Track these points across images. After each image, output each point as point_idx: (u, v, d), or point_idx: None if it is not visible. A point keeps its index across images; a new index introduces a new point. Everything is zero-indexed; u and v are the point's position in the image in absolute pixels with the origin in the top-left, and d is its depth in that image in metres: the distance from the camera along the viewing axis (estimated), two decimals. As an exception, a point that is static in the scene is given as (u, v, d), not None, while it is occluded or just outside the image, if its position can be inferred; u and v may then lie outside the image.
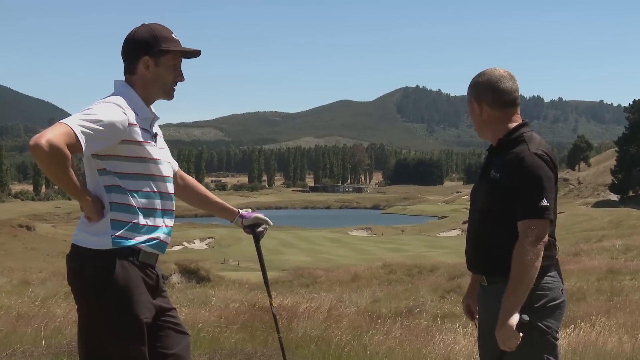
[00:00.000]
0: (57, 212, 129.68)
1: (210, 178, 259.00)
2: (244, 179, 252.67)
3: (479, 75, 3.79)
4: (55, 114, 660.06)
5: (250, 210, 4.43)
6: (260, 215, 4.40)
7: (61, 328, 9.81)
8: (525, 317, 3.46)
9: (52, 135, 3.20)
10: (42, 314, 11.04)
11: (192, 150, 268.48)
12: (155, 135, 3.67)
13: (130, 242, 3.48)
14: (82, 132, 3.29)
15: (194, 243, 75.51)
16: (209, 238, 78.61)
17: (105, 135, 3.38)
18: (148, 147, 3.57)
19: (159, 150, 3.67)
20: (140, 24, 3.69)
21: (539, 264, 3.49)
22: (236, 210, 4.35)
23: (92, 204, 3.45)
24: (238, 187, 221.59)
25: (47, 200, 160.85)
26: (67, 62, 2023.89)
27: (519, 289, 3.46)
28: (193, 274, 37.53)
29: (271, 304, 4.42)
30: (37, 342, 9.12)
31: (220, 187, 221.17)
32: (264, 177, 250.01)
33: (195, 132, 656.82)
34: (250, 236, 4.59)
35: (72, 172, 3.31)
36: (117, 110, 3.44)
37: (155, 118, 3.71)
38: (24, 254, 57.23)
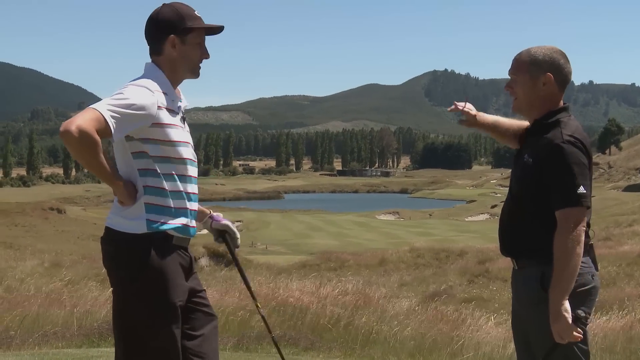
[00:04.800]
0: (87, 195, 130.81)
1: (238, 162, 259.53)
2: (272, 163, 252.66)
3: (551, 50, 3.70)
4: (85, 98, 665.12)
5: (221, 215, 4.24)
6: (231, 225, 4.13)
7: (92, 310, 9.92)
8: (581, 313, 3.44)
9: (82, 120, 3.21)
10: (73, 296, 11.17)
11: (220, 134, 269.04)
12: (183, 118, 3.68)
13: (165, 226, 3.50)
14: (112, 116, 3.30)
15: (223, 226, 75.66)
16: (237, 221, 78.45)
17: (135, 118, 3.38)
18: (177, 130, 3.57)
19: (187, 134, 3.67)
20: (161, 4, 3.68)
21: (580, 250, 3.46)
22: (208, 211, 4.16)
23: (125, 189, 3.47)
24: (266, 171, 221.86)
25: (77, 184, 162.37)
26: (97, 45, 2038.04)
27: (563, 278, 3.43)
28: (221, 257, 37.68)
29: (257, 306, 4.33)
30: (69, 324, 9.24)
31: (248, 171, 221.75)
32: (292, 161, 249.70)
33: (223, 116, 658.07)
34: (278, 220, 4.55)
35: (103, 157, 3.32)
36: (146, 93, 3.44)
37: (183, 102, 3.70)
38: (54, 236, 57.84)
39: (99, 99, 3.42)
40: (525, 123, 4.03)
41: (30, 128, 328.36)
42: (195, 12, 3.65)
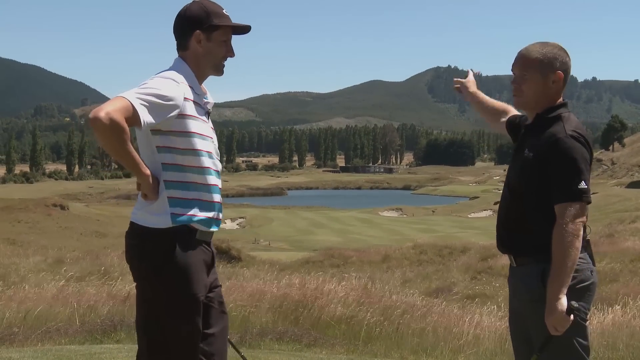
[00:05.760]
0: (90, 192, 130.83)
1: (241, 158, 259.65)
2: (275, 159, 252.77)
3: (556, 47, 3.72)
4: (88, 95, 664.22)
5: None
6: None
7: (95, 307, 9.92)
8: (575, 304, 3.44)
9: (111, 108, 3.25)
10: (76, 293, 11.18)
11: (224, 130, 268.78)
12: (208, 112, 3.73)
13: (189, 218, 3.53)
14: (141, 104, 3.34)
15: (225, 223, 75.55)
16: (240, 218, 78.85)
17: (163, 108, 3.43)
18: (202, 123, 3.61)
19: (210, 129, 3.71)
20: (191, 1, 3.74)
21: (579, 244, 3.46)
22: None
23: (151, 181, 3.48)
24: (269, 168, 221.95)
25: (80, 180, 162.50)
26: (100, 42, 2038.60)
27: (562, 272, 3.43)
28: (224, 253, 37.70)
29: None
30: (72, 320, 9.25)
31: (251, 168, 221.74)
32: (295, 158, 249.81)
33: (226, 113, 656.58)
34: (282, 217, 4.60)
35: (131, 145, 3.35)
36: (172, 85, 3.49)
37: (209, 99, 3.75)
38: (57, 232, 57.90)
39: (102, 96, 3.48)
40: (507, 106, 4.24)
41: (34, 124, 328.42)
42: (223, 11, 3.72)
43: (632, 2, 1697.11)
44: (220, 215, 3.72)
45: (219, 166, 3.74)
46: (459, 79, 4.67)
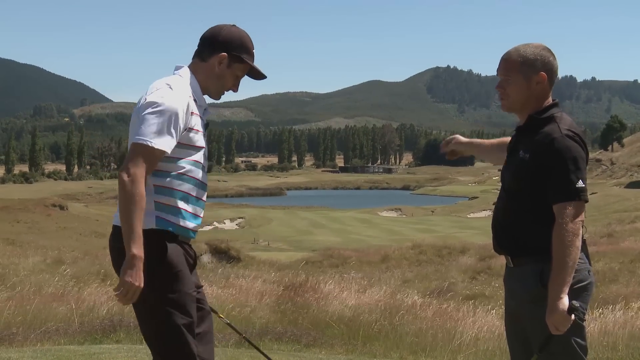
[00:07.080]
0: (89, 192, 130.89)
1: (240, 158, 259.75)
2: (274, 160, 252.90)
3: (539, 48, 3.73)
4: (86, 95, 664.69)
5: None
6: None
7: (94, 307, 9.92)
8: (576, 303, 3.44)
9: (133, 169, 3.37)
10: (75, 293, 11.18)
11: (223, 130, 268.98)
12: (207, 124, 3.78)
13: (170, 226, 3.55)
14: (162, 141, 3.43)
15: (225, 223, 75.84)
16: (239, 218, 78.83)
17: (177, 129, 3.51)
18: (200, 136, 3.66)
19: (205, 140, 3.76)
20: (232, 24, 3.83)
21: (579, 243, 3.47)
22: None
23: (139, 262, 3.39)
24: (268, 168, 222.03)
25: (80, 180, 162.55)
26: (99, 42, 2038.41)
27: (563, 271, 3.43)
28: (223, 253, 37.79)
29: (220, 316, 4.45)
30: (71, 320, 9.24)
31: (250, 168, 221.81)
32: (294, 158, 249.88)
33: (225, 113, 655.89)
34: (281, 217, 4.63)
35: (141, 215, 3.38)
36: (182, 100, 3.55)
37: (207, 109, 3.81)
38: (57, 233, 57.89)
39: (101, 96, 3.48)
40: (504, 139, 4.19)
41: (33, 125, 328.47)
42: (253, 50, 3.83)
43: (632, 2, 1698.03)
44: (198, 228, 3.74)
45: (207, 179, 3.78)
46: (446, 143, 4.44)
